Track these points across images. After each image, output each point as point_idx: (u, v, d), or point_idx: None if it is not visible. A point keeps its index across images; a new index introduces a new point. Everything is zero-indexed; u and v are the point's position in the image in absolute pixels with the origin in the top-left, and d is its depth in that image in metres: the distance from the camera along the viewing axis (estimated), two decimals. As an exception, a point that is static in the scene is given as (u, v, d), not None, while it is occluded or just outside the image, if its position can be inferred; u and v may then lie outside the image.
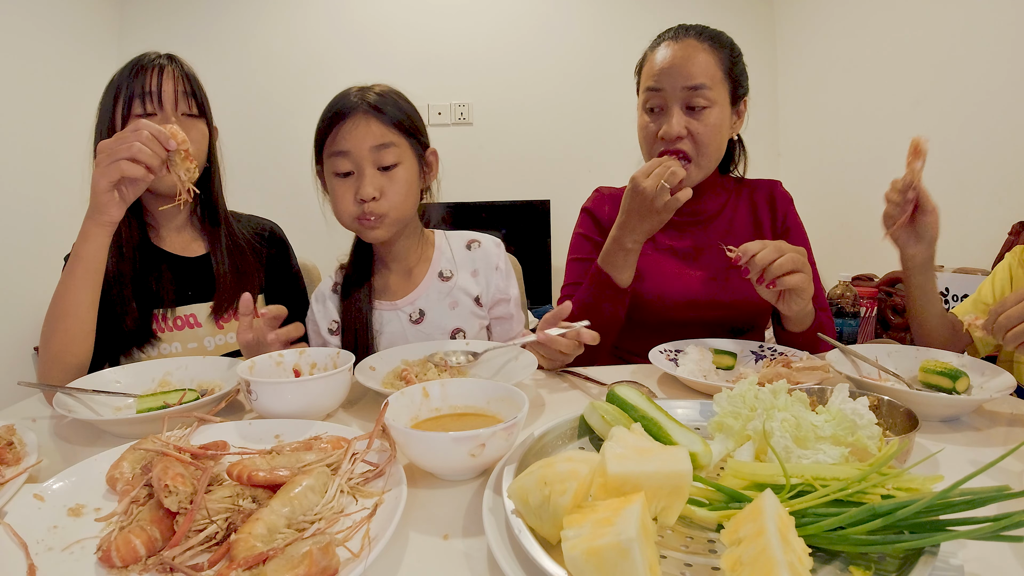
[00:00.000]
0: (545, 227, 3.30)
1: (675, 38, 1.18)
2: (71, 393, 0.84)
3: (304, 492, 0.53)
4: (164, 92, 1.09)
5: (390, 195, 1.08)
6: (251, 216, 1.34)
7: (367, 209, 1.07)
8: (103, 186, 0.89)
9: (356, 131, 1.05)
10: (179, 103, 1.10)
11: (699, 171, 1.20)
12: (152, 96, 1.08)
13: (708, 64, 1.15)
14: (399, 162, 1.08)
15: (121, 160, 0.87)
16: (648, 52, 1.22)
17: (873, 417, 0.56)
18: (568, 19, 3.42)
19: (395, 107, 1.09)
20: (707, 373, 0.98)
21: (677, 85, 1.15)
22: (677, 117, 1.15)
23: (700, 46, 1.15)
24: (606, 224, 1.31)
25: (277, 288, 1.28)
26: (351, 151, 1.06)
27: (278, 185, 3.32)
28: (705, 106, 1.15)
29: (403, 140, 1.09)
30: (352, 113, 1.06)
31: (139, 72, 1.09)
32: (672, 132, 1.15)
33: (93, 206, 0.91)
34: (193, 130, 1.11)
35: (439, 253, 1.23)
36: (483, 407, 0.72)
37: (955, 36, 2.32)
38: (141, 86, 1.08)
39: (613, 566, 0.39)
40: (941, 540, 0.42)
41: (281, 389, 0.76)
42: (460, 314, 1.20)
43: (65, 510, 0.57)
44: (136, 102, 1.08)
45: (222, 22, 3.29)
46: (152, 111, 1.09)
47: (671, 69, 1.15)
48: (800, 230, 1.31)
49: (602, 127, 3.41)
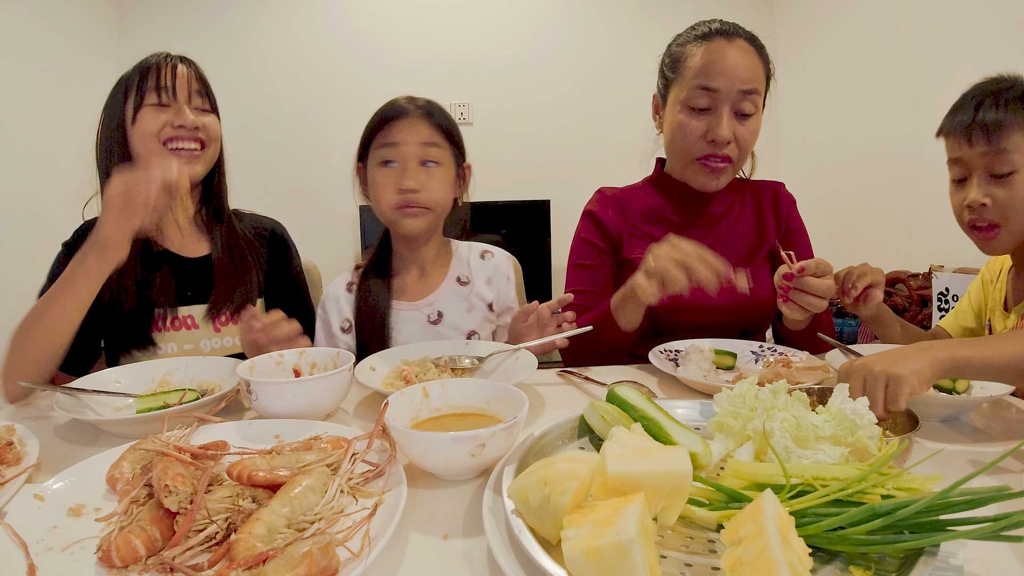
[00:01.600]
0: (545, 227, 3.30)
1: (727, 37, 1.14)
2: (71, 393, 0.84)
3: (304, 492, 0.53)
4: (179, 85, 1.10)
5: (431, 188, 1.13)
6: (253, 214, 1.33)
7: (409, 199, 1.12)
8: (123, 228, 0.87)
9: (409, 127, 1.12)
10: (192, 98, 1.12)
11: (733, 173, 1.21)
12: (167, 89, 1.09)
13: (759, 69, 1.14)
14: (441, 162, 1.14)
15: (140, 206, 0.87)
16: (692, 47, 1.17)
17: (873, 417, 0.56)
18: (568, 19, 3.42)
19: (442, 115, 1.16)
20: (707, 373, 0.98)
21: (734, 88, 1.12)
22: (728, 120, 1.13)
23: (751, 50, 1.14)
24: (610, 228, 1.29)
25: (277, 289, 1.27)
26: (400, 143, 1.12)
27: (279, 185, 3.33)
28: (752, 112, 1.14)
29: (446, 145, 1.15)
30: (405, 114, 1.13)
31: (152, 67, 1.09)
32: (725, 137, 1.13)
33: (104, 244, 0.88)
34: (205, 119, 1.13)
35: (457, 259, 1.26)
36: (483, 407, 0.72)
37: (955, 36, 2.33)
38: (156, 79, 1.09)
39: (613, 566, 0.39)
40: (941, 540, 0.42)
41: (281, 389, 0.76)
42: (475, 317, 1.22)
43: (65, 510, 0.57)
44: (151, 94, 1.08)
45: (222, 22, 3.29)
46: (166, 102, 1.09)
47: (729, 70, 1.12)
48: (802, 232, 1.31)
49: (602, 127, 3.41)
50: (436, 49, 3.36)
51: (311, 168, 3.37)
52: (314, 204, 3.35)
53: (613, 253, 1.30)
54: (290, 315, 1.11)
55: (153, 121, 1.09)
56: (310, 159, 3.37)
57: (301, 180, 3.38)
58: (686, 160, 1.21)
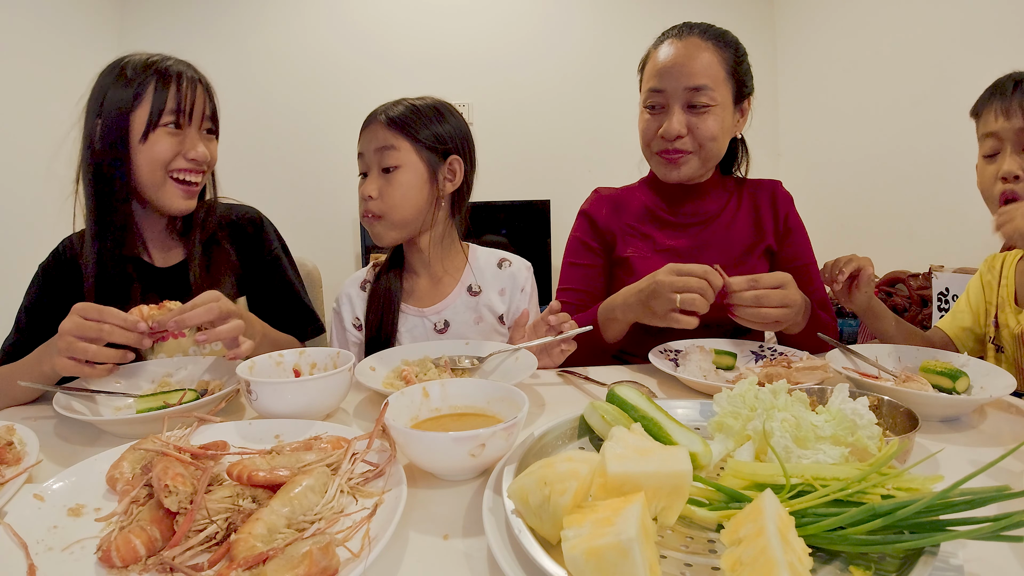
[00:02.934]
0: (545, 227, 3.30)
1: (679, 36, 1.17)
2: (71, 393, 0.84)
3: (304, 492, 0.53)
4: (195, 109, 1.05)
5: (386, 196, 1.11)
6: (229, 204, 1.24)
7: (366, 207, 1.13)
8: (67, 365, 0.80)
9: (369, 135, 1.13)
10: (204, 122, 1.08)
11: (700, 164, 1.21)
12: (184, 113, 1.02)
13: (711, 64, 1.14)
14: (398, 165, 1.11)
15: (82, 363, 0.81)
16: (651, 50, 1.22)
17: (873, 417, 0.56)
18: (568, 19, 3.42)
19: (405, 111, 1.12)
20: (707, 373, 0.97)
21: (679, 85, 1.14)
22: (678, 116, 1.16)
23: (704, 45, 1.15)
24: (603, 228, 1.30)
25: (252, 277, 1.19)
26: (363, 152, 1.14)
27: (279, 185, 3.33)
28: (708, 104, 1.15)
29: (405, 143, 1.11)
30: (369, 122, 1.14)
31: (172, 81, 1.02)
32: (672, 131, 1.15)
33: (59, 366, 0.81)
34: (211, 147, 1.11)
35: (470, 267, 1.24)
36: (483, 407, 0.72)
37: (955, 36, 2.33)
38: (176, 99, 1.01)
39: (613, 566, 0.39)
40: (941, 540, 0.42)
41: (281, 389, 0.76)
42: (483, 329, 1.21)
43: (65, 510, 0.57)
44: (168, 113, 1.01)
45: (222, 22, 3.30)
46: (181, 125, 1.03)
47: (673, 69, 1.15)
48: (801, 230, 1.31)
49: (602, 127, 3.42)
50: (436, 49, 3.36)
51: (311, 168, 3.37)
52: (314, 204, 3.35)
53: (606, 253, 1.32)
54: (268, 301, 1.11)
55: (167, 149, 1.02)
56: (310, 159, 3.37)
57: (301, 180, 3.38)
58: (648, 155, 1.26)
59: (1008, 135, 1.01)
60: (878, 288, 2.45)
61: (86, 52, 3.02)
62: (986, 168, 1.07)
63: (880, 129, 2.73)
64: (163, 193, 1.05)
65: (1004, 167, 1.01)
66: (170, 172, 1.04)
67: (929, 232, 2.46)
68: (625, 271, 1.27)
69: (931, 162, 2.45)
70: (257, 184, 3.29)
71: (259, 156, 3.32)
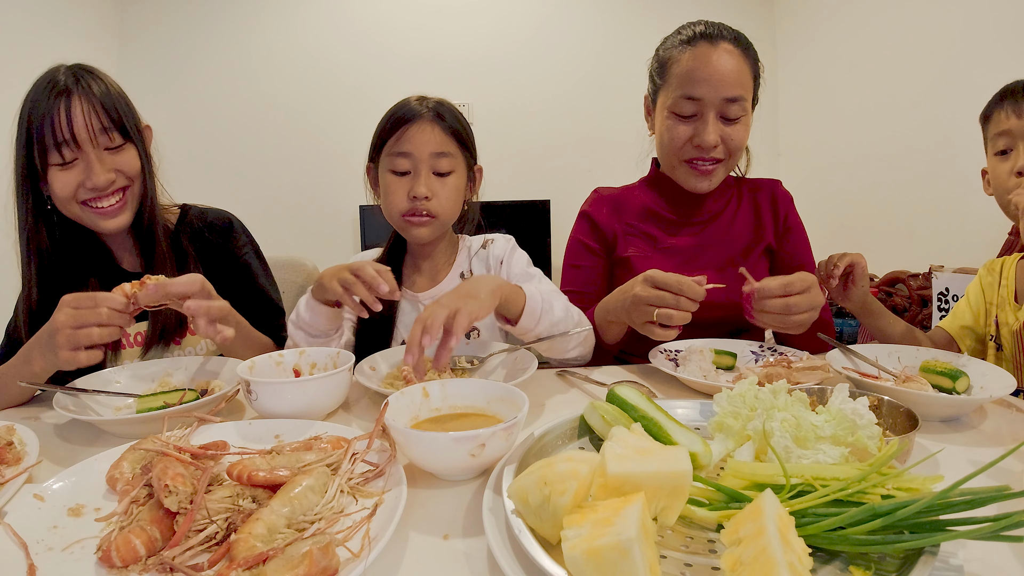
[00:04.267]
0: (545, 227, 3.30)
1: (711, 41, 1.13)
2: (71, 393, 0.84)
3: (304, 492, 0.53)
4: (76, 131, 0.95)
5: (441, 197, 1.13)
6: (202, 208, 1.23)
7: (419, 206, 1.12)
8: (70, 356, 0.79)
9: (420, 135, 1.11)
10: (98, 138, 0.98)
11: (724, 172, 1.22)
12: (68, 143, 0.95)
13: (744, 74, 1.13)
14: (452, 170, 1.14)
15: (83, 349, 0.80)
16: (676, 52, 1.17)
17: (873, 417, 0.56)
18: (568, 19, 3.42)
19: (454, 117, 1.14)
20: (707, 373, 0.97)
21: (717, 96, 1.12)
22: (714, 126, 1.14)
23: (736, 53, 1.13)
24: (604, 228, 1.30)
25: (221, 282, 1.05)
26: (412, 152, 1.11)
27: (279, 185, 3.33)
28: (740, 116, 1.14)
29: (458, 151, 1.15)
30: (417, 119, 1.11)
31: (48, 100, 0.95)
32: (710, 142, 1.14)
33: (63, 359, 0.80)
34: (120, 159, 1.02)
35: (461, 256, 1.27)
36: (483, 407, 0.72)
37: (955, 36, 2.33)
38: (52, 129, 0.94)
39: (613, 566, 0.39)
40: (941, 540, 0.42)
41: (281, 389, 0.76)
42: None
43: (65, 510, 0.57)
44: (52, 152, 0.95)
45: (222, 22, 3.30)
46: (72, 157, 0.97)
47: (712, 78, 1.11)
48: (800, 230, 1.31)
49: (602, 127, 3.41)
50: (436, 49, 3.36)
51: (311, 167, 3.37)
52: (314, 203, 3.35)
53: (607, 253, 1.31)
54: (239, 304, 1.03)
55: (65, 186, 0.98)
56: (310, 158, 3.37)
57: (301, 179, 3.38)
58: (675, 163, 1.22)
59: (1021, 132, 1.04)
60: (878, 288, 2.45)
61: (86, 52, 3.00)
62: (999, 165, 1.09)
63: (880, 129, 2.73)
64: (85, 219, 1.03)
65: (1020, 163, 1.04)
66: (80, 202, 1.00)
67: (929, 232, 2.46)
68: (626, 271, 1.27)
69: (931, 162, 2.45)
70: (257, 184, 3.30)
71: (259, 156, 3.32)
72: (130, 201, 1.06)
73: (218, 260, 1.19)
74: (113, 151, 1.01)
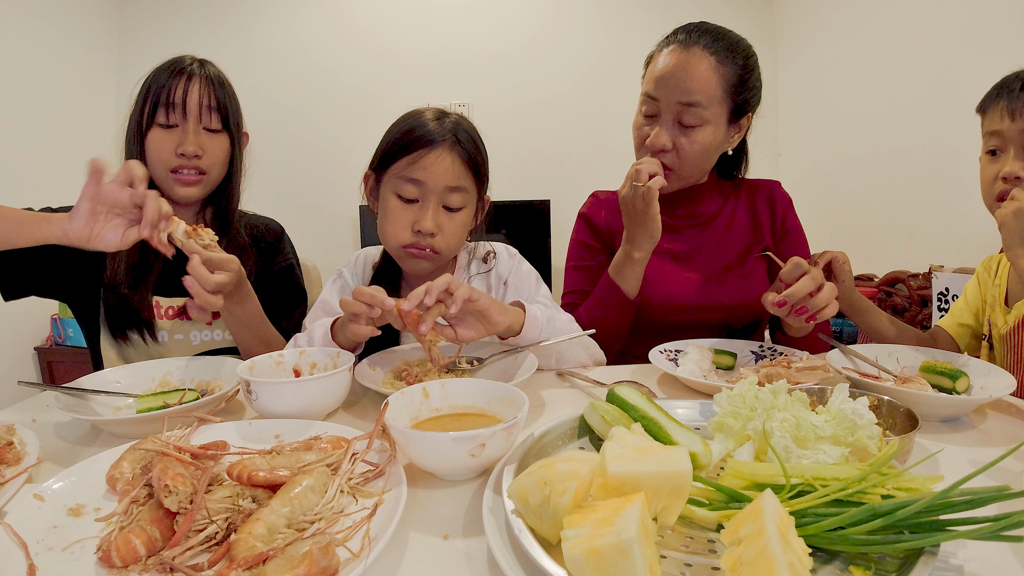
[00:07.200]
0: (545, 227, 3.30)
1: (684, 44, 1.12)
2: (71, 393, 0.84)
3: (304, 492, 0.53)
4: (189, 104, 1.10)
5: (447, 234, 1.06)
6: (254, 215, 1.34)
7: (423, 241, 1.05)
8: (84, 218, 0.82)
9: (437, 165, 1.01)
10: (202, 116, 1.11)
11: (679, 181, 1.20)
12: (176, 107, 1.09)
13: (708, 81, 1.10)
14: (463, 206, 1.07)
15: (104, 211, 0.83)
16: (656, 51, 1.18)
17: (873, 417, 0.56)
18: (568, 19, 3.42)
19: (473, 146, 1.06)
20: (707, 373, 0.98)
21: (672, 98, 1.12)
22: (665, 129, 1.14)
23: (706, 58, 1.10)
24: (603, 229, 1.31)
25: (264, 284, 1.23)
26: (425, 182, 1.02)
27: (279, 185, 3.33)
28: (696, 124, 1.12)
29: (472, 185, 1.08)
30: (436, 145, 1.01)
31: (170, 77, 1.09)
32: (656, 145, 1.14)
33: (65, 238, 0.83)
34: (212, 143, 1.13)
35: (459, 270, 1.21)
36: (483, 407, 0.72)
37: (955, 36, 2.32)
38: (168, 95, 1.08)
39: (613, 566, 0.39)
40: (941, 540, 0.42)
41: (281, 389, 0.76)
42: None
43: (65, 510, 0.57)
44: (160, 111, 1.09)
45: (222, 23, 3.30)
46: (174, 123, 1.10)
47: (668, 79, 1.11)
48: (799, 231, 1.31)
49: (602, 127, 3.41)
50: (436, 49, 3.36)
51: (311, 168, 3.37)
52: (314, 204, 3.35)
53: (607, 252, 1.32)
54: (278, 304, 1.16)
55: (160, 148, 1.10)
56: (310, 159, 3.37)
57: (301, 180, 3.38)
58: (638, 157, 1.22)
59: (1012, 136, 1.02)
60: (878, 288, 2.45)
61: (86, 53, 3.02)
62: (988, 166, 1.07)
63: (880, 129, 2.73)
64: (165, 185, 1.13)
65: (1006, 168, 1.02)
66: (170, 170, 1.11)
67: (929, 232, 2.46)
68: None
69: (931, 162, 2.44)
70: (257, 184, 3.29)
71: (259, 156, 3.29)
72: (203, 184, 1.15)
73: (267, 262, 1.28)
74: (209, 133, 1.13)
